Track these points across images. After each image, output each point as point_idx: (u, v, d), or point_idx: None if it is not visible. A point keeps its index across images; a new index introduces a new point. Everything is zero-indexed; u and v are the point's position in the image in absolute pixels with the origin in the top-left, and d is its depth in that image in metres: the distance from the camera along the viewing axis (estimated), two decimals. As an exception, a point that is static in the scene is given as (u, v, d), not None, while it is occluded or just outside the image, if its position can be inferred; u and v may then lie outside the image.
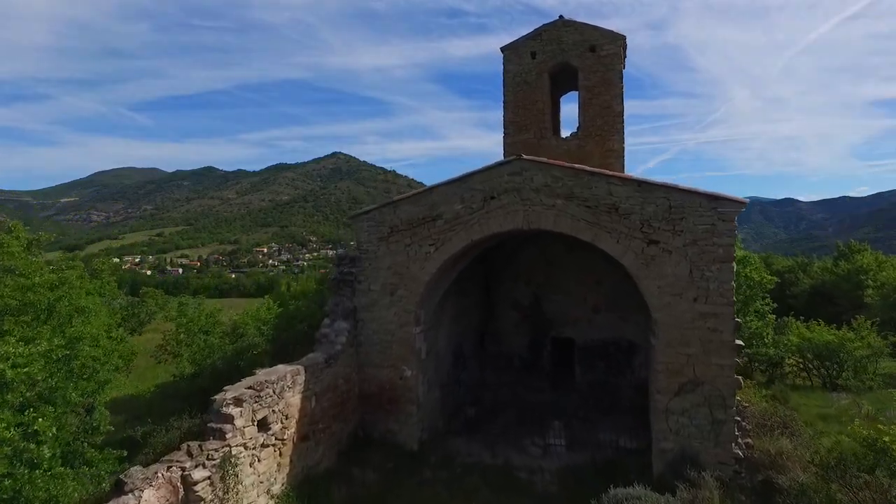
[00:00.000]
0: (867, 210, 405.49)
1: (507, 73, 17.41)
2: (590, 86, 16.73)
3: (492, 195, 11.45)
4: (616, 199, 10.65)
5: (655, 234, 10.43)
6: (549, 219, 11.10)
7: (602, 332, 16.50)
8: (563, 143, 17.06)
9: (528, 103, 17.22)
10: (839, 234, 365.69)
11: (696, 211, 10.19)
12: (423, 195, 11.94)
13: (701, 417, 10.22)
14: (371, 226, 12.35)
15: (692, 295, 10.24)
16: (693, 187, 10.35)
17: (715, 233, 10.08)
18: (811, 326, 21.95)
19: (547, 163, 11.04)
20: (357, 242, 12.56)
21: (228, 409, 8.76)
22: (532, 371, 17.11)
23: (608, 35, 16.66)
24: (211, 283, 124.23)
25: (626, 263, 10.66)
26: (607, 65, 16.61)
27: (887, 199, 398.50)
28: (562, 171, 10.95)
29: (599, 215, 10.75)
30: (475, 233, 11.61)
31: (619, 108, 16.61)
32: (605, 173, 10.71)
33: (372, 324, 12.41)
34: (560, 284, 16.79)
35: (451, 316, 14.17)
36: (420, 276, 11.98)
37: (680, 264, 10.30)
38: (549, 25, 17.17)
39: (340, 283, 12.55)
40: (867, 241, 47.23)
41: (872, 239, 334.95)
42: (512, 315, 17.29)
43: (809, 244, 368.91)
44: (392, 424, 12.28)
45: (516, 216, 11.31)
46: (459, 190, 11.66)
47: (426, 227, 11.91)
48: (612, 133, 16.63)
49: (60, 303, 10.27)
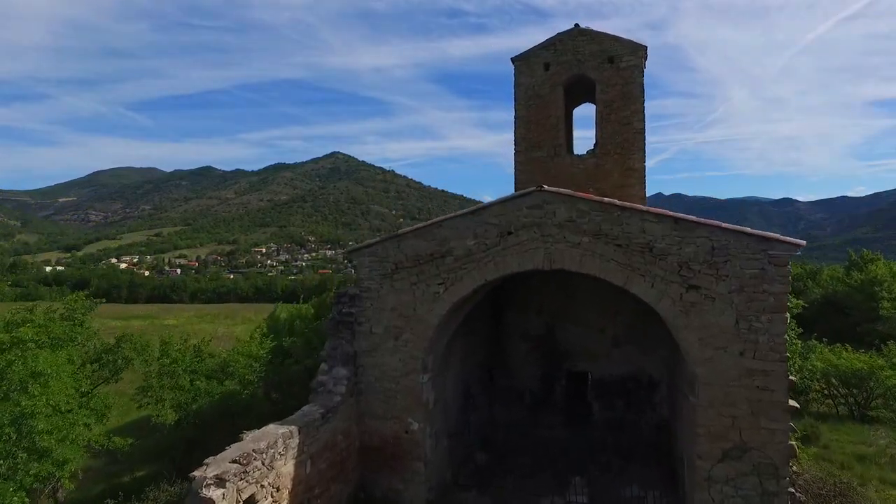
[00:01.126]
0: (866, 210, 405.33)
1: (518, 85, 16.17)
2: (608, 100, 15.51)
3: (509, 230, 10.21)
4: (650, 238, 9.42)
5: (696, 278, 9.21)
6: (573, 258, 9.87)
7: (620, 366, 15.29)
8: (578, 161, 15.84)
9: (542, 118, 16.00)
10: (838, 234, 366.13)
11: (743, 253, 8.97)
12: (430, 229, 10.70)
13: (749, 488, 9.01)
14: (373, 261, 11.11)
15: (738, 348, 9.03)
16: (739, 227, 9.13)
17: (765, 279, 8.86)
18: (837, 351, 20.77)
19: (571, 195, 9.81)
20: (357, 280, 11.33)
21: (209, 492, 7.52)
22: (545, 406, 15.89)
23: (628, 45, 15.44)
24: (208, 287, 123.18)
25: (661, 311, 9.44)
26: (627, 77, 15.39)
27: (886, 199, 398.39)
28: (588, 204, 9.73)
29: (632, 255, 9.52)
30: (490, 272, 10.38)
31: (640, 125, 15.39)
32: (637, 208, 9.48)
33: (374, 370, 11.17)
34: (575, 314, 15.57)
35: (460, 357, 12.95)
36: (428, 319, 10.75)
37: (724, 313, 9.08)
38: (564, 34, 15.93)
39: (339, 325, 11.31)
40: (866, 241, 45.83)
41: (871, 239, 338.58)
42: (523, 346, 16.06)
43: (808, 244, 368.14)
44: (396, 483, 11.05)
45: (536, 254, 10.09)
46: (472, 224, 10.43)
47: (435, 265, 10.68)
48: (633, 151, 15.41)
49: (12, 368, 8.91)
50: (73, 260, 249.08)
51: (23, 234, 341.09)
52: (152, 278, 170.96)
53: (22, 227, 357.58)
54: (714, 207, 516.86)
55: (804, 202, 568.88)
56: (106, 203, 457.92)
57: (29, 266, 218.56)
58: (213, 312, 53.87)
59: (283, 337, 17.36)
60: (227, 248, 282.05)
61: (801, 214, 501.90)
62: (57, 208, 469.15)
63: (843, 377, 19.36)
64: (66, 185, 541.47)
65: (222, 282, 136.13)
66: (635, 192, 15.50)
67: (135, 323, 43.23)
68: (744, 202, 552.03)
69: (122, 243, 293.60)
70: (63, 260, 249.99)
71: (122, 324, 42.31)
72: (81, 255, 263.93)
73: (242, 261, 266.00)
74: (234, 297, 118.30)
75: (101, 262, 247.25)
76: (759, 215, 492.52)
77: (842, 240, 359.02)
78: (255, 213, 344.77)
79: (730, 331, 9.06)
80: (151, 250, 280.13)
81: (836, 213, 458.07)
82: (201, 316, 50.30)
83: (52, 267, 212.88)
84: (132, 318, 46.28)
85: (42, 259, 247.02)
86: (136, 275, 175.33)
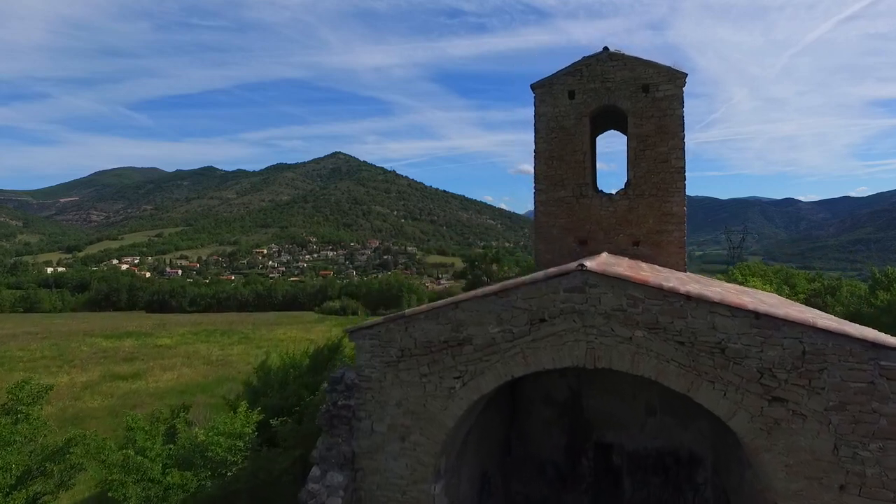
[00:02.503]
0: (868, 210, 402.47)
1: (539, 116, 14.26)
2: (642, 134, 13.59)
3: (541, 317, 8.31)
4: (723, 336, 7.51)
5: (781, 389, 7.30)
6: (623, 356, 7.97)
7: (656, 438, 13.38)
8: (607, 203, 13.93)
9: (566, 153, 14.10)
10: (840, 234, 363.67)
11: (846, 362, 7.05)
12: (444, 310, 8.81)
13: None
14: (375, 346, 9.22)
15: (838, 481, 7.12)
16: (839, 328, 7.22)
17: (874, 395, 6.95)
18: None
19: (621, 278, 7.89)
20: (357, 366, 9.43)
21: None
22: (569, 483, 13.98)
23: (665, 72, 13.50)
24: (208, 292, 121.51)
25: (736, 428, 7.53)
26: (664, 109, 13.47)
27: (888, 200, 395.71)
28: (644, 290, 7.82)
29: (698, 357, 7.61)
30: (516, 366, 8.49)
31: (679, 163, 13.47)
32: (706, 298, 7.57)
33: (375, 476, 9.28)
34: (604, 377, 13.56)
35: (475, 447, 11.05)
36: (441, 419, 8.86)
37: (819, 436, 7.17)
38: (592, 59, 13.99)
39: (334, 419, 9.41)
40: (867, 241, 44.04)
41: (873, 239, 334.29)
42: (544, 413, 14.15)
43: (810, 244, 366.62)
44: None
45: (576, 348, 8.18)
46: (496, 307, 8.53)
47: (449, 354, 8.78)
48: (671, 193, 13.50)
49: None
50: (74, 261, 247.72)
51: (24, 234, 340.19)
52: (153, 280, 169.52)
53: (24, 227, 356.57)
54: (716, 207, 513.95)
55: (806, 202, 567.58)
56: (108, 203, 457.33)
57: (30, 267, 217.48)
58: (210, 328, 52.02)
59: (275, 393, 15.52)
60: (229, 249, 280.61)
61: (803, 215, 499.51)
62: (59, 208, 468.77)
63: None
64: (68, 184, 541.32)
65: (222, 286, 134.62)
66: (673, 238, 13.61)
67: (127, 343, 41.40)
68: (746, 202, 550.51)
69: (123, 244, 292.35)
70: (64, 261, 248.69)
71: (114, 344, 40.56)
72: (83, 256, 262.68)
73: (243, 262, 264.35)
74: (234, 302, 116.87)
75: (102, 262, 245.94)
76: (761, 215, 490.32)
77: (844, 240, 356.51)
78: (256, 214, 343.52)
79: (827, 458, 7.15)
80: (153, 251, 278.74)
81: (838, 213, 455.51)
82: (197, 332, 48.44)
83: (54, 268, 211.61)
84: (124, 337, 44.43)
85: (43, 260, 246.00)
86: (136, 277, 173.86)
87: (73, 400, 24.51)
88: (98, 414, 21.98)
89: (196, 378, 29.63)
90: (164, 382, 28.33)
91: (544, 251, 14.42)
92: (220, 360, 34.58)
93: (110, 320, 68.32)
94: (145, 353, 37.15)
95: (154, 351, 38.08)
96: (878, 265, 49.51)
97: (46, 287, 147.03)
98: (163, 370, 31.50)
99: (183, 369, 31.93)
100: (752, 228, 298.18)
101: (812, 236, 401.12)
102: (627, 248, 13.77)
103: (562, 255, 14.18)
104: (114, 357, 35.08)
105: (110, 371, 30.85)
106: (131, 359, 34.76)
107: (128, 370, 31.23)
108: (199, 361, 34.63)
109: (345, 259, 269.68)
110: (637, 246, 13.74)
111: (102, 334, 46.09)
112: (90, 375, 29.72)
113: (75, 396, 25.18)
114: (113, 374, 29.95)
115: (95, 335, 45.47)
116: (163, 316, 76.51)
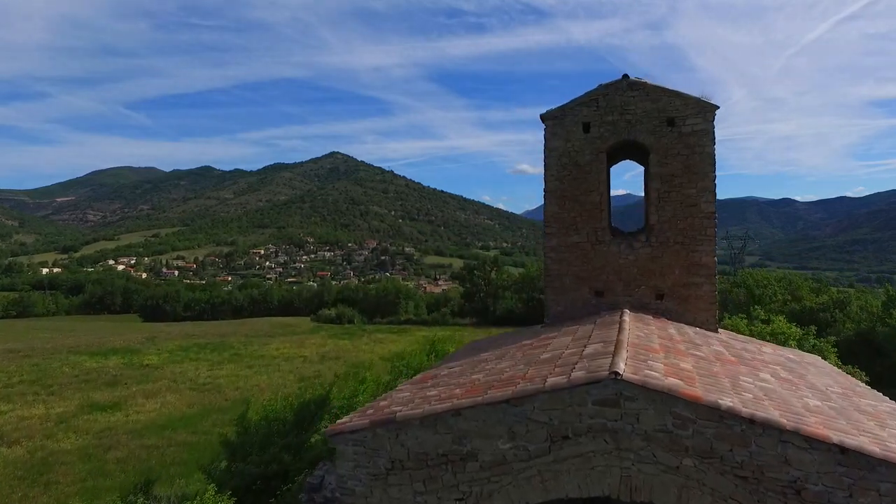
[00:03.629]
0: (865, 211, 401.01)
1: (549, 150, 12.64)
2: (667, 174, 12.00)
3: (564, 434, 6.70)
4: (798, 475, 5.91)
5: (875, 545, 5.71)
6: (667, 489, 6.36)
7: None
8: (627, 250, 12.32)
9: (580, 193, 12.48)
10: (837, 234, 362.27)
11: (962, 518, 5.47)
12: (442, 417, 7.18)
13: None
14: (360, 453, 7.59)
15: None
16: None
17: None
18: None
19: (666, 392, 6.28)
20: (337, 477, 7.81)
21: None
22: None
23: (693, 104, 11.89)
24: (202, 297, 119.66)
25: (814, 589, 5.93)
26: (692, 146, 11.88)
27: (885, 200, 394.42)
28: (694, 409, 6.21)
29: (764, 497, 6.02)
30: (532, 492, 6.86)
31: (710, 208, 11.90)
32: (775, 423, 5.97)
33: None
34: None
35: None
36: (439, 549, 7.26)
37: None
38: (609, 87, 12.35)
39: (310, 540, 7.81)
40: (865, 241, 42.79)
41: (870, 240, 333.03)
42: None
43: (807, 244, 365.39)
44: None
45: (607, 475, 6.58)
46: (507, 417, 6.91)
47: (449, 470, 7.17)
48: (700, 241, 11.93)
49: None
50: (70, 262, 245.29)
51: (20, 234, 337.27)
52: (148, 283, 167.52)
53: (20, 227, 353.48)
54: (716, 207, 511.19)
55: (803, 202, 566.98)
56: (104, 203, 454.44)
57: (25, 268, 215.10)
58: (201, 341, 50.35)
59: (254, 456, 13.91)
60: (226, 250, 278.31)
61: (800, 215, 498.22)
62: (55, 208, 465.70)
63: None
64: (65, 184, 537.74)
65: (217, 290, 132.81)
66: (703, 293, 12.02)
67: (112, 362, 39.72)
68: (743, 202, 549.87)
69: (119, 244, 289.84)
70: (60, 261, 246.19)
71: (98, 364, 38.89)
72: (79, 257, 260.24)
73: (241, 262, 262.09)
74: (228, 307, 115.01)
75: (98, 263, 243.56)
76: (758, 215, 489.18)
77: (841, 240, 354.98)
78: (253, 214, 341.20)
79: None
80: (149, 252, 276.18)
81: (835, 213, 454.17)
82: (187, 347, 46.77)
83: (49, 269, 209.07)
84: (110, 355, 42.76)
85: (39, 260, 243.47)
86: (132, 279, 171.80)
87: (44, 438, 22.86)
88: (68, 459, 20.35)
89: (180, 407, 27.99)
90: (145, 414, 26.66)
91: (555, 302, 12.83)
92: (207, 385, 32.93)
93: (100, 331, 66.56)
94: (129, 376, 35.50)
95: (139, 372, 36.39)
96: (874, 265, 48.30)
97: (40, 289, 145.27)
98: (146, 397, 29.83)
99: (167, 395, 30.29)
100: (750, 228, 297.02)
101: (809, 236, 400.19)
102: (650, 301, 12.19)
103: (575, 307, 12.61)
104: (95, 381, 33.39)
105: (89, 399, 29.17)
106: (114, 383, 33.09)
107: (108, 398, 29.55)
108: (185, 385, 33.00)
109: (342, 260, 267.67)
110: (661, 300, 12.16)
111: (88, 351, 44.40)
112: (67, 405, 28.05)
113: (48, 434, 23.53)
114: (92, 404, 28.28)
115: (80, 352, 43.79)
116: (154, 326, 74.69)
